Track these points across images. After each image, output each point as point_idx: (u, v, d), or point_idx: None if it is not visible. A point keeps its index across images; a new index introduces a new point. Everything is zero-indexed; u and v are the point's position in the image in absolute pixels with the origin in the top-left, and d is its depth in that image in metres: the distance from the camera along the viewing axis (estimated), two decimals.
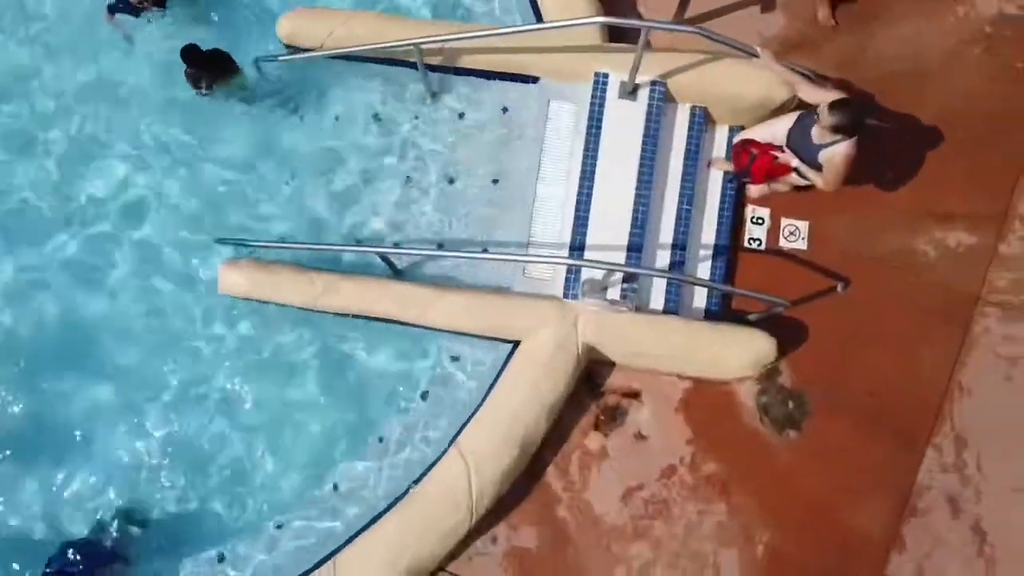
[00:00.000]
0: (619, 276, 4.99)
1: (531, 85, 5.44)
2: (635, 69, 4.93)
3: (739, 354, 4.99)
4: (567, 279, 5.06)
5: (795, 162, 4.72)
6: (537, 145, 5.34)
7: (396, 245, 5.37)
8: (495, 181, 5.37)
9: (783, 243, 5.55)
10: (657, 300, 5.16)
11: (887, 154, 5.70)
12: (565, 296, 5.08)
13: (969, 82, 5.81)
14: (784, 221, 5.60)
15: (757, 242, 5.52)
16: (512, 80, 5.43)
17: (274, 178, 5.57)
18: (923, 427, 5.41)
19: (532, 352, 4.92)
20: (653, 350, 4.99)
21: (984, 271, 5.57)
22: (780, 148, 4.75)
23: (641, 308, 5.12)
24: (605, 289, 4.99)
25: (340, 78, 5.70)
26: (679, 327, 4.98)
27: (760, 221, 5.52)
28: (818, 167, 4.72)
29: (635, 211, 5.06)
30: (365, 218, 5.49)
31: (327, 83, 5.69)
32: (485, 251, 5.16)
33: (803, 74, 4.88)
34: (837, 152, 4.51)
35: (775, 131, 4.80)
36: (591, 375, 5.46)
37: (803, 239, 5.55)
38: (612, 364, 5.41)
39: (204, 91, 5.53)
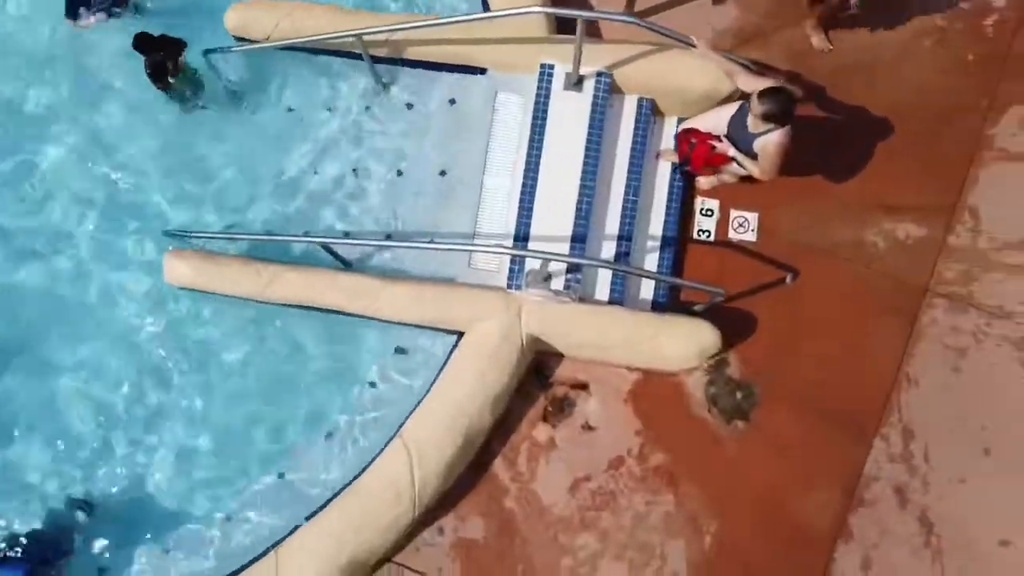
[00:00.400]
0: (563, 267, 5.02)
1: (479, 77, 5.49)
2: (577, 60, 4.98)
3: (682, 345, 5.04)
4: (511, 270, 5.11)
5: (732, 151, 4.76)
6: (484, 136, 5.41)
7: (346, 235, 5.40)
8: (443, 173, 5.42)
9: (732, 235, 5.60)
10: (602, 291, 5.21)
11: (837, 146, 5.77)
12: (509, 287, 5.13)
13: (920, 75, 5.86)
14: (734, 213, 5.65)
15: (706, 234, 5.56)
16: (460, 72, 5.49)
17: (224, 170, 5.60)
18: (871, 418, 5.45)
19: (476, 343, 4.97)
20: (597, 341, 5.04)
21: (933, 263, 5.63)
22: (718, 137, 4.79)
23: (586, 299, 5.17)
24: (549, 280, 5.04)
25: (293, 70, 5.77)
26: (622, 318, 5.03)
27: (709, 213, 5.57)
28: (754, 156, 4.76)
29: (579, 202, 5.11)
30: (315, 210, 5.56)
31: (280, 75, 5.77)
32: (431, 242, 5.18)
33: (742, 64, 4.92)
34: (770, 141, 4.55)
35: (717, 121, 4.85)
36: (540, 367, 5.51)
37: (752, 231, 5.59)
38: (561, 356, 5.46)
39: (170, 79, 5.52)
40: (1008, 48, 5.89)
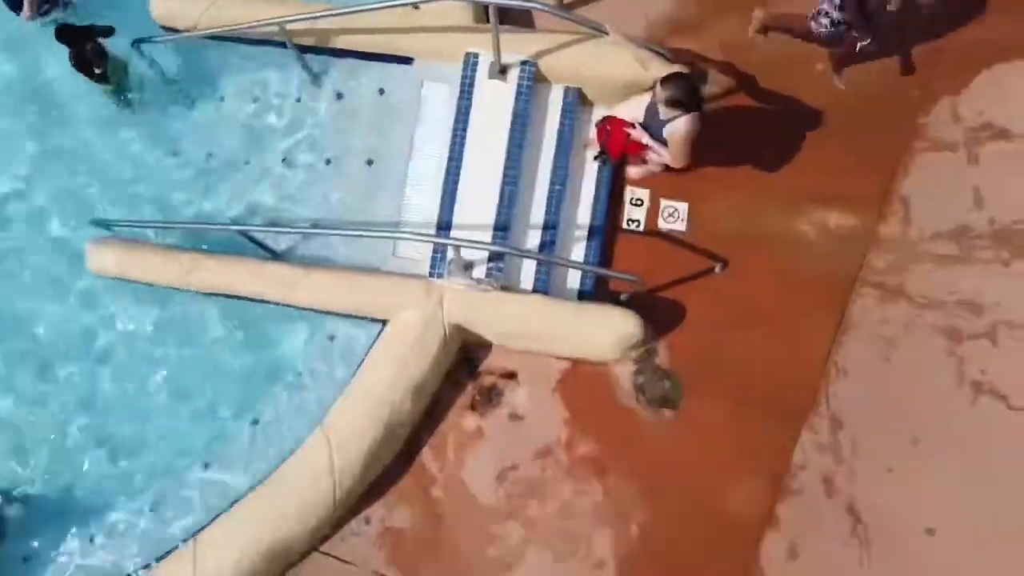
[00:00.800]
0: (485, 255, 5.05)
1: (407, 66, 5.54)
2: (496, 48, 5.03)
3: (603, 333, 5.09)
4: (433, 258, 5.16)
5: (645, 138, 4.80)
6: (411, 125, 5.43)
7: (275, 225, 5.42)
8: (370, 162, 5.47)
9: (662, 224, 5.64)
10: (527, 280, 5.24)
11: (770, 136, 5.82)
12: (431, 275, 5.17)
13: (852, 65, 5.87)
14: (664, 202, 5.69)
15: (636, 223, 5.60)
16: (388, 61, 5.51)
17: (154, 159, 5.64)
18: (799, 407, 5.50)
19: (397, 331, 5.01)
20: (519, 329, 5.09)
21: (864, 253, 5.67)
22: (633, 125, 4.81)
23: (510, 288, 5.19)
24: (470, 268, 5.07)
25: (225, 60, 5.84)
26: (543, 306, 5.08)
27: (639, 202, 5.60)
28: (665, 143, 4.79)
29: (502, 190, 5.16)
30: (244, 199, 5.58)
31: (212, 65, 5.85)
32: (346, 231, 5.22)
33: (656, 52, 4.92)
34: (678, 127, 4.59)
35: (635, 108, 4.88)
36: (469, 356, 5.56)
37: (682, 220, 5.63)
38: (490, 345, 5.48)
39: (98, 71, 5.54)
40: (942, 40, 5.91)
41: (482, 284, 5.09)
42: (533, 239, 5.30)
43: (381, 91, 5.55)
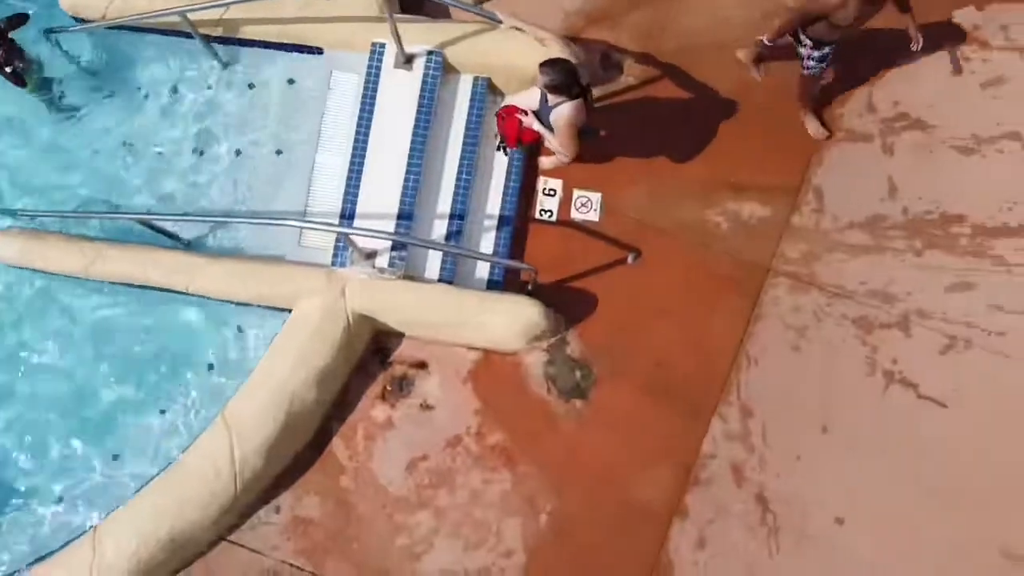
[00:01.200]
0: (388, 244, 5.08)
1: (316, 56, 5.56)
2: (396, 38, 5.07)
3: (506, 322, 5.13)
4: (336, 247, 5.19)
5: (536, 125, 4.83)
6: (320, 115, 5.45)
7: (185, 214, 5.44)
8: (279, 152, 5.51)
9: (575, 215, 5.67)
10: (433, 269, 5.26)
11: (684, 126, 5.87)
12: (333, 264, 5.21)
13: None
14: (576, 193, 5.72)
15: (549, 213, 5.63)
16: (299, 52, 5.54)
17: (65, 149, 5.64)
18: (709, 397, 5.54)
19: (299, 320, 5.06)
20: (422, 318, 5.13)
21: (776, 242, 5.71)
22: (525, 112, 4.84)
23: (415, 277, 5.22)
24: (372, 257, 5.09)
25: (138, 50, 5.86)
26: (446, 295, 5.12)
27: (552, 193, 5.64)
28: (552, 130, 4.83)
29: (406, 180, 5.19)
30: (157, 189, 5.64)
31: (126, 56, 5.86)
32: (256, 220, 5.23)
33: (553, 38, 4.93)
34: (561, 114, 4.63)
35: (531, 96, 4.90)
36: (381, 346, 5.57)
37: (595, 210, 5.66)
38: (402, 335, 5.51)
39: (19, 65, 5.55)
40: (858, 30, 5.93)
41: (384, 273, 5.12)
42: (439, 229, 5.33)
43: (291, 81, 5.59)
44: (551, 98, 4.66)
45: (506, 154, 5.29)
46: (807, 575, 5.37)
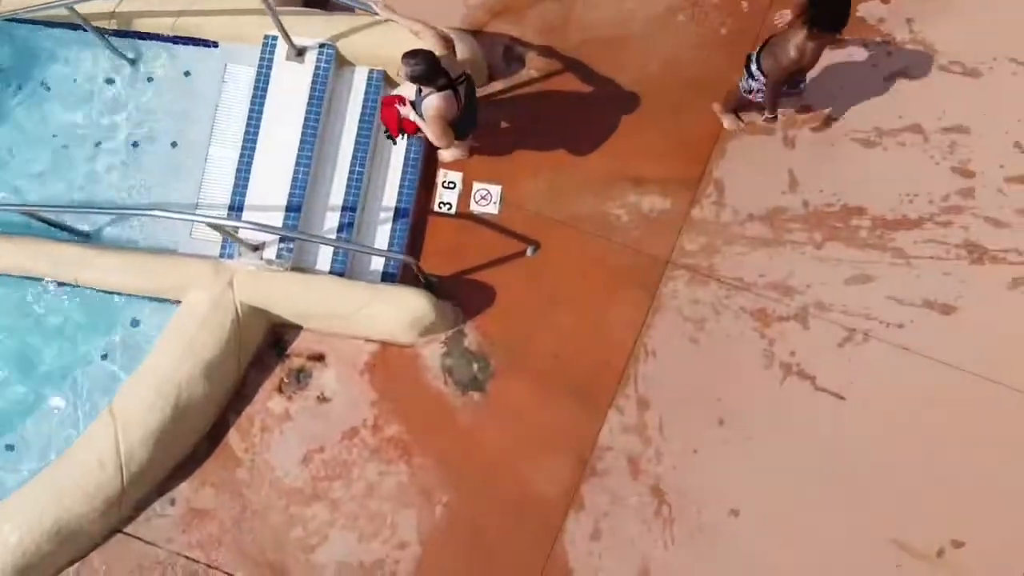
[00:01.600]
0: (276, 236, 5.11)
1: (213, 49, 5.61)
2: (281, 30, 5.08)
3: (395, 314, 5.18)
4: (224, 239, 5.20)
5: (412, 115, 4.85)
6: (214, 108, 5.48)
7: (73, 206, 5.48)
8: (174, 144, 5.55)
9: (475, 207, 5.71)
10: (325, 261, 5.28)
11: (586, 119, 5.93)
12: (221, 256, 5.24)
13: (672, 48, 6.01)
14: (476, 185, 5.76)
15: (448, 206, 5.67)
16: (196, 45, 5.59)
17: None
18: (606, 389, 5.58)
19: (187, 312, 5.11)
20: (312, 310, 5.19)
21: (676, 235, 5.75)
22: (403, 102, 4.86)
23: (306, 269, 5.25)
24: (260, 249, 5.12)
25: (35, 43, 5.86)
26: (334, 287, 5.18)
27: (452, 185, 5.67)
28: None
29: (295, 172, 5.24)
30: (54, 182, 5.62)
31: (23, 48, 5.83)
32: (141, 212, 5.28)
33: (431, 28, 4.93)
34: (429, 105, 4.67)
35: (410, 86, 4.91)
36: (278, 338, 5.61)
37: (495, 203, 5.70)
38: (299, 328, 5.55)
39: None
40: (762, 22, 5.98)
41: (272, 264, 5.15)
42: (331, 221, 5.38)
43: (187, 74, 5.64)
44: (423, 89, 4.69)
45: (395, 143, 5.30)
46: (701, 567, 5.42)
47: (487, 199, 5.72)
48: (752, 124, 5.83)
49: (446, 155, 5.68)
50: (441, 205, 5.70)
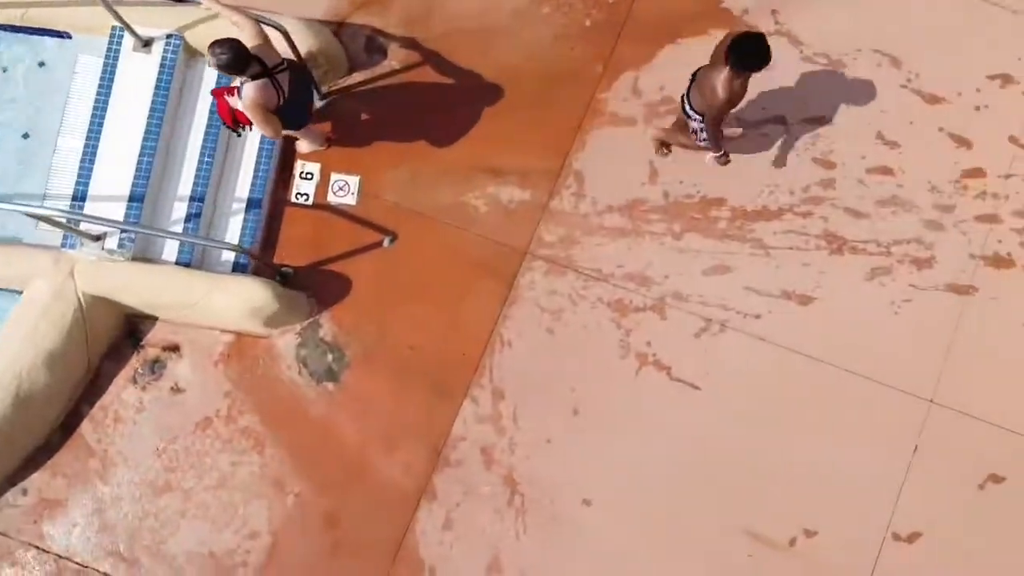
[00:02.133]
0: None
1: (67, 40, 5.64)
2: (119, 20, 5.14)
3: (236, 303, 5.25)
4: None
5: (239, 105, 4.86)
6: (65, 99, 5.50)
7: None
8: (26, 135, 5.59)
9: (332, 198, 5.75)
10: (171, 252, 5.32)
11: (446, 110, 5.98)
12: (63, 246, 5.28)
13: (537, 40, 6.06)
14: (334, 176, 5.81)
15: (305, 197, 5.71)
16: (50, 35, 5.62)
17: None
18: (461, 379, 5.65)
19: (27, 302, 5.18)
20: (154, 299, 5.27)
21: (534, 226, 5.78)
22: (232, 92, 4.88)
23: (152, 259, 5.29)
24: (102, 239, 5.16)
25: None
26: (174, 277, 5.25)
27: (309, 176, 5.71)
28: None
29: (139, 163, 5.28)
30: None
31: None
32: None
33: (253, 18, 4.94)
34: (243, 93, 4.68)
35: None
36: (133, 329, 5.64)
37: (353, 194, 5.74)
38: (155, 318, 5.57)
39: None
40: (627, 14, 6.02)
41: (114, 254, 5.19)
42: (178, 211, 5.43)
43: (42, 64, 5.68)
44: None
45: (238, 135, 5.33)
46: (552, 556, 5.49)
47: (345, 190, 5.75)
48: (614, 115, 5.89)
49: (303, 146, 5.73)
50: (298, 196, 5.74)
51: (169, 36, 5.41)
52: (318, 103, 5.80)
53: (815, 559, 5.48)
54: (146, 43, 5.39)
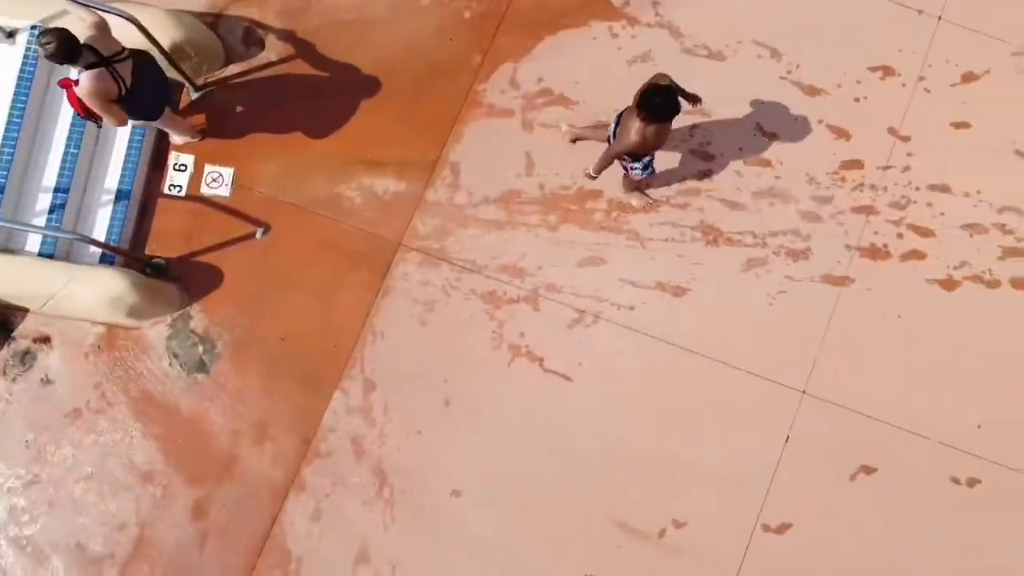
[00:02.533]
0: None
1: None
2: None
3: (94, 294, 5.28)
4: None
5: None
6: None
7: None
8: None
9: (205, 190, 5.77)
10: (34, 244, 5.34)
11: (322, 102, 6.02)
12: None
13: (415, 32, 6.10)
14: (208, 167, 5.83)
15: (178, 188, 5.73)
16: None
17: None
18: (333, 371, 5.68)
19: None
20: (14, 291, 5.23)
21: (409, 218, 5.80)
22: (76, 82, 4.89)
23: (14, 250, 5.30)
24: None
25: None
26: (32, 268, 5.26)
27: (183, 168, 5.74)
28: None
29: (0, 154, 5.25)
30: None
31: None
32: None
33: (111, 11, 4.95)
34: (80, 83, 4.66)
35: None
36: (5, 320, 5.66)
37: (226, 186, 5.76)
38: (26, 310, 5.58)
39: None
40: (507, 5, 6.04)
41: None
42: (42, 202, 5.45)
43: None
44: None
45: (99, 125, 5.34)
46: (419, 547, 5.52)
47: (219, 181, 5.77)
48: (492, 107, 5.91)
49: (176, 138, 5.74)
50: (171, 188, 5.76)
51: (34, 27, 5.44)
52: (194, 95, 5.83)
53: (684, 550, 5.50)
54: (10, 34, 5.42)
